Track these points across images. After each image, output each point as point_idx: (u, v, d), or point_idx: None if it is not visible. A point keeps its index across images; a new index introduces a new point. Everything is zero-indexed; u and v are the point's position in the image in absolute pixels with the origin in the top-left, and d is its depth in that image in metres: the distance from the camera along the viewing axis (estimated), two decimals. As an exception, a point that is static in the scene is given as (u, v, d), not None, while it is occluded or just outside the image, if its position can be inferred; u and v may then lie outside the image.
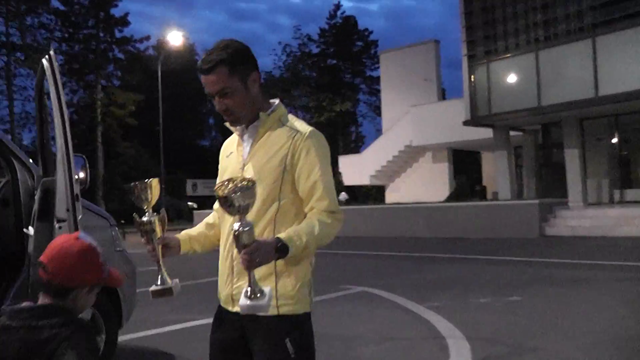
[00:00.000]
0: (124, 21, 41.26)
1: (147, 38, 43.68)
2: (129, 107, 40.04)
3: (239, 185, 1.93)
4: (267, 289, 2.01)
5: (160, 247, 2.21)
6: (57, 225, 3.71)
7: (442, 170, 29.43)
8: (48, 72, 3.61)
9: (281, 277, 2.17)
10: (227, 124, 2.32)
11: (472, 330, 5.85)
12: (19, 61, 32.49)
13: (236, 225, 1.94)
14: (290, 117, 2.32)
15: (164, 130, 32.42)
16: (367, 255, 14.69)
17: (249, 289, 2.00)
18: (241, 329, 2.21)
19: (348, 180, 33.80)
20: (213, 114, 50.42)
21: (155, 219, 2.18)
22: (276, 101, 2.35)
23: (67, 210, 3.70)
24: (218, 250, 2.35)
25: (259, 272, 2.07)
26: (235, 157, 2.33)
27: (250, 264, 1.96)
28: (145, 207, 2.18)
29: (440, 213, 20.02)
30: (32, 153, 4.85)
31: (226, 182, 1.95)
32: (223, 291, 2.27)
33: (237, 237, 1.95)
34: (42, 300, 1.84)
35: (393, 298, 7.91)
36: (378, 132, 34.55)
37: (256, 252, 1.95)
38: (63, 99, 3.68)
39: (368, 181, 33.12)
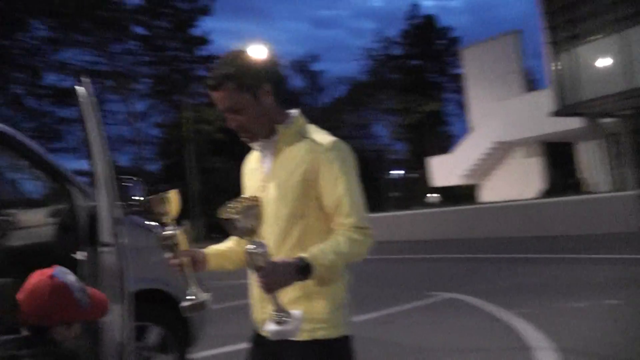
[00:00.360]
0: (203, 40, 42.50)
1: (226, 55, 44.78)
2: (216, 123, 41.04)
3: (242, 207, 1.85)
4: (296, 312, 1.90)
5: (187, 260, 2.11)
6: (102, 250, 3.69)
7: (535, 165, 28.29)
8: (83, 99, 3.59)
9: (313, 299, 2.02)
10: (245, 141, 2.18)
11: (564, 339, 5.39)
12: (109, 88, 34.05)
13: (249, 249, 1.84)
14: (311, 128, 2.15)
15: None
16: (458, 259, 14.23)
17: (274, 313, 1.90)
18: (276, 355, 2.08)
19: (440, 181, 33.17)
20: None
21: (178, 232, 2.08)
22: (295, 112, 2.19)
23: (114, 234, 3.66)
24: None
25: (288, 294, 1.96)
26: (257, 174, 2.20)
27: (268, 287, 1.85)
28: (165, 221, 2.09)
29: (534, 210, 19.11)
30: (130, 173, 4.98)
31: (230, 205, 1.85)
32: (256, 315, 2.15)
33: (250, 259, 1.86)
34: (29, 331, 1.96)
35: (481, 305, 7.49)
36: (467, 130, 33.75)
37: (272, 275, 1.84)
38: (100, 124, 3.65)
39: (460, 181, 32.35)
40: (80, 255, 3.85)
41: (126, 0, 36.22)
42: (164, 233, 2.06)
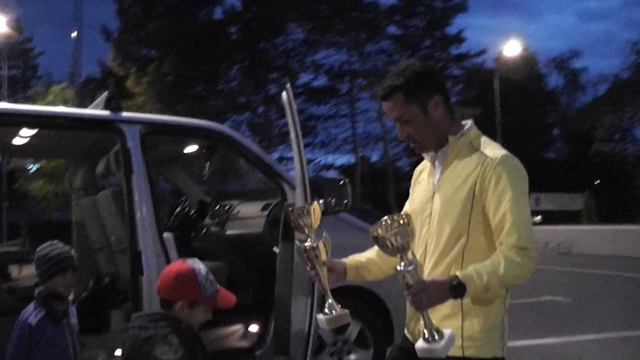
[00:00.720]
0: (458, 38, 41.80)
1: (483, 52, 43.49)
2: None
3: (393, 224, 1.84)
4: (447, 332, 1.85)
5: (326, 272, 2.15)
6: (297, 245, 3.71)
7: None
8: (286, 105, 3.73)
9: (468, 317, 2.00)
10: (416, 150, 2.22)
11: None
12: (361, 86, 35.23)
13: (398, 267, 1.84)
14: (484, 140, 2.11)
15: (505, 143, 31.79)
16: None
17: (425, 330, 1.86)
18: None
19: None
20: (558, 124, 47.70)
21: (320, 243, 2.11)
22: (468, 123, 2.16)
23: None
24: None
25: (443, 310, 1.97)
26: (425, 185, 2.21)
27: (418, 306, 1.83)
28: (306, 233, 2.13)
29: None
30: (380, 169, 5.15)
31: (380, 222, 1.86)
32: (410, 322, 2.18)
33: (400, 278, 1.85)
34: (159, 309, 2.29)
35: None
36: None
37: (422, 293, 1.81)
38: (299, 128, 3.77)
39: None
40: (276, 249, 4.02)
41: (380, 1, 37.10)
42: (305, 245, 2.10)
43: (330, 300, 2.11)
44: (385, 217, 1.86)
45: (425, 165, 2.26)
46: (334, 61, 36.95)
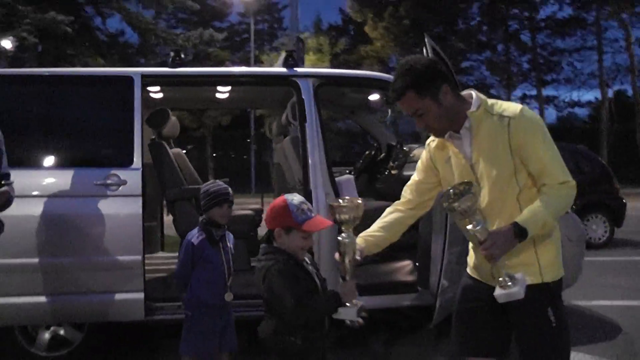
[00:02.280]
0: None
1: None
2: None
3: (458, 192, 2.20)
4: (518, 275, 2.21)
5: (350, 265, 2.46)
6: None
7: None
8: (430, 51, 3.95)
9: (540, 247, 2.33)
10: (434, 137, 2.51)
11: None
12: (609, 14, 31.89)
13: (470, 227, 2.19)
14: (492, 102, 2.38)
15: None
16: None
17: (500, 279, 2.21)
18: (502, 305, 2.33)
19: None
20: None
21: (353, 241, 2.46)
22: (472, 93, 2.41)
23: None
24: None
25: (518, 247, 2.25)
26: (456, 160, 2.44)
27: (492, 257, 2.18)
28: (345, 228, 2.47)
29: None
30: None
31: (449, 193, 2.22)
32: (483, 265, 2.39)
33: (472, 237, 2.25)
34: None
35: None
36: None
37: (493, 246, 2.17)
38: None
39: None
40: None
41: None
42: (344, 239, 2.45)
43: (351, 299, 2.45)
44: (450, 189, 2.21)
45: (441, 146, 2.49)
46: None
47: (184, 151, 6.43)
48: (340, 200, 2.47)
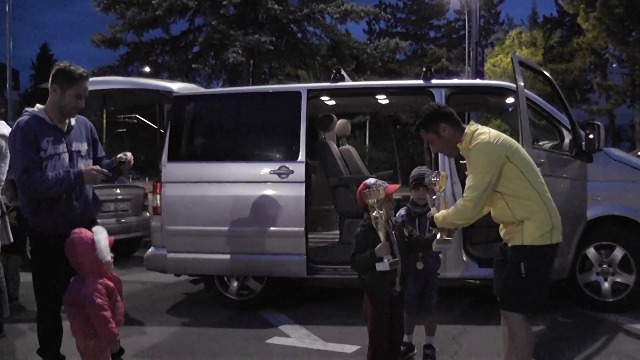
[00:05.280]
0: None
1: None
2: None
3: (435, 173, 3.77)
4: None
5: (382, 232, 3.65)
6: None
7: None
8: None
9: (524, 225, 3.44)
10: None
11: None
12: None
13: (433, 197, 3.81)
14: (473, 137, 3.50)
15: None
16: None
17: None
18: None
19: None
20: None
21: (381, 215, 3.62)
22: (466, 128, 3.58)
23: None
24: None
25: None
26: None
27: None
28: (376, 208, 3.62)
29: None
30: None
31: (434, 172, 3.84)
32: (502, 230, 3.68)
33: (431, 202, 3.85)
34: None
35: None
36: None
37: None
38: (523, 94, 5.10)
39: None
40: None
41: None
42: (374, 215, 3.60)
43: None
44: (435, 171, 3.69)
45: None
46: None
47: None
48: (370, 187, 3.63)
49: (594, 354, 4.52)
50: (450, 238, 3.66)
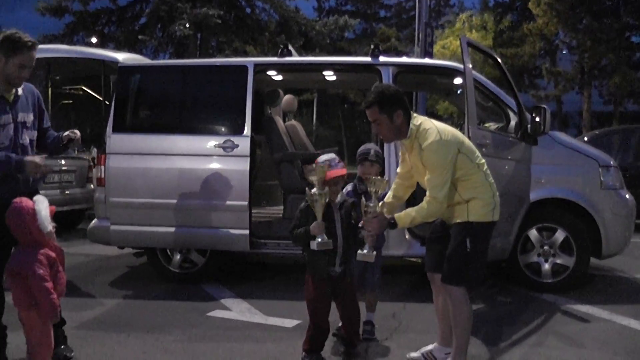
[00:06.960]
0: None
1: None
2: None
3: (377, 179, 3.76)
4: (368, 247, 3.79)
5: (318, 212, 3.77)
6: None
7: None
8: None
9: (470, 203, 3.59)
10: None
11: None
12: None
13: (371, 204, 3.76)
14: (420, 133, 3.59)
15: None
16: None
17: (365, 247, 3.81)
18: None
19: None
20: None
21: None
22: (412, 124, 3.64)
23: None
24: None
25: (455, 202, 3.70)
26: (406, 155, 3.85)
27: (370, 230, 3.77)
28: (315, 184, 3.72)
29: None
30: None
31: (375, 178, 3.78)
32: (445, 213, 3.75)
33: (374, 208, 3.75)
34: None
35: None
36: None
37: (373, 224, 3.75)
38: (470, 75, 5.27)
39: None
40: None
41: None
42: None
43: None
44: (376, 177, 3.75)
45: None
46: None
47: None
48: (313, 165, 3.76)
49: (532, 333, 4.65)
50: (373, 254, 3.74)
